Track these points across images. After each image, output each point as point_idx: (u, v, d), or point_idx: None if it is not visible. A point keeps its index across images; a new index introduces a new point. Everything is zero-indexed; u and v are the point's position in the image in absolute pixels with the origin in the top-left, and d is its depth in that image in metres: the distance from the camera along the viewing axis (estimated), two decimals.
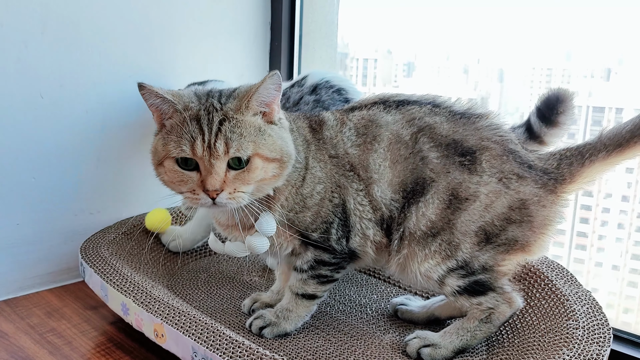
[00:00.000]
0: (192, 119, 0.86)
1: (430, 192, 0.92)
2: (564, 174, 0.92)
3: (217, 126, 0.85)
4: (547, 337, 0.92)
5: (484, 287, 0.93)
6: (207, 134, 0.84)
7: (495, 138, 0.93)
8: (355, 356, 0.98)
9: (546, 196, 0.91)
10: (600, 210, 1.66)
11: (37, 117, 1.25)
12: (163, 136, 0.89)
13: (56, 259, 1.33)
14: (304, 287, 1.01)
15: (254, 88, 0.87)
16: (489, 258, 0.92)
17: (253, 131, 0.87)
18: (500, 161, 0.91)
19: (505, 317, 0.94)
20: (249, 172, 0.87)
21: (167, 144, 0.87)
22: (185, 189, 0.87)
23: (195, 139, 0.84)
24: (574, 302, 0.95)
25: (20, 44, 1.20)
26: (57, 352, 1.05)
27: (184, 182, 0.87)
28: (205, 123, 0.85)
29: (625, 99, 1.59)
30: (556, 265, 1.06)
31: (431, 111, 0.95)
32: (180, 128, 0.86)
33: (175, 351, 0.92)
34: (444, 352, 0.95)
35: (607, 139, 0.90)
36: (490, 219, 0.90)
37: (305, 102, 1.27)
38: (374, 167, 0.94)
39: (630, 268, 1.59)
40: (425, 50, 2.04)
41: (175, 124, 0.87)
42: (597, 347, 0.84)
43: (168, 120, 0.89)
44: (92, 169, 1.35)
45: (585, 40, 1.62)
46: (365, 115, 0.98)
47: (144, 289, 1.03)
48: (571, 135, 1.76)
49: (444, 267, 0.93)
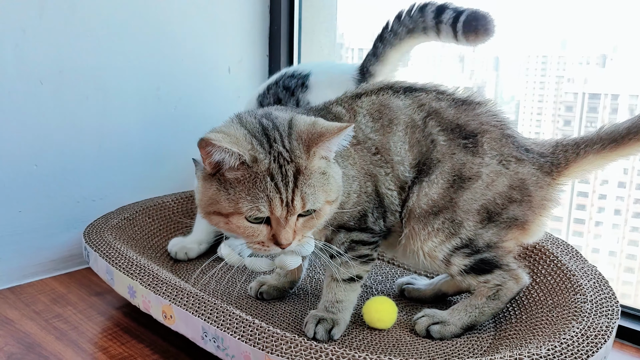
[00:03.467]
0: (265, 175, 0.78)
1: (435, 173, 0.93)
2: (560, 159, 0.95)
3: (293, 182, 0.79)
4: (555, 311, 0.92)
5: (490, 265, 0.95)
6: (284, 192, 0.78)
7: (494, 123, 0.96)
8: (363, 335, 0.99)
9: (543, 178, 0.94)
10: (597, 197, 1.67)
11: (37, 104, 1.24)
12: (226, 189, 0.80)
13: (59, 246, 1.32)
14: (349, 270, 0.97)
15: (327, 135, 0.80)
16: (492, 235, 0.94)
17: (320, 178, 0.82)
18: (499, 144, 0.94)
19: (512, 294, 0.96)
20: (317, 218, 0.83)
21: (236, 201, 0.79)
22: (253, 240, 0.82)
23: (272, 199, 0.78)
24: (580, 277, 0.96)
25: (19, 29, 1.19)
26: (64, 337, 1.04)
27: (254, 236, 0.81)
28: (281, 180, 0.78)
29: (621, 86, 1.60)
30: (561, 242, 1.07)
31: (437, 98, 0.97)
32: (251, 185, 0.78)
33: (185, 332, 0.92)
34: (452, 329, 0.97)
35: (604, 134, 0.93)
36: (492, 197, 0.93)
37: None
38: (394, 150, 0.95)
39: (627, 254, 1.60)
40: None
41: (244, 179, 0.79)
42: (606, 319, 0.85)
43: (231, 172, 0.80)
44: (93, 155, 1.34)
45: (580, 28, 1.63)
46: (375, 101, 0.97)
47: (151, 272, 1.03)
48: (567, 122, 1.78)
49: (449, 245, 0.94)
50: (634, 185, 1.60)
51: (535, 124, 1.81)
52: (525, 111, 1.83)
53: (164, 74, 1.44)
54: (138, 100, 1.40)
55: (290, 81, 1.25)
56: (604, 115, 1.63)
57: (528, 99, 1.83)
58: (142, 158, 1.43)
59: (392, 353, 0.94)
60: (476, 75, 1.99)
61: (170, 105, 1.47)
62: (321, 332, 0.95)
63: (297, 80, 1.25)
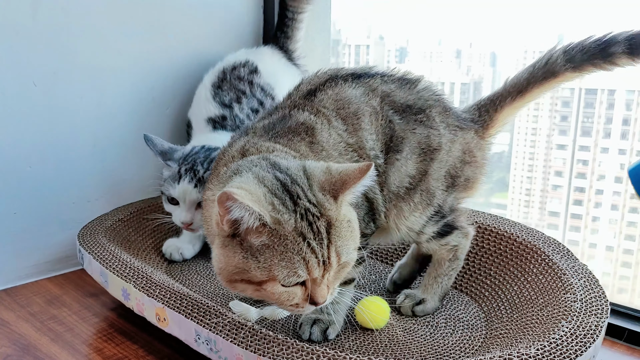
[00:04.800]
0: (296, 235, 0.72)
1: (405, 150, 0.97)
2: (485, 119, 1.06)
3: (327, 238, 0.74)
4: (546, 310, 0.93)
5: (451, 227, 1.03)
6: (319, 251, 0.73)
7: (435, 97, 1.02)
8: (356, 335, 0.99)
9: (479, 140, 1.05)
10: (594, 192, 1.67)
11: (31, 105, 1.24)
12: (254, 256, 0.73)
13: (54, 248, 1.33)
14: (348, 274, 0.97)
15: (351, 181, 0.76)
16: (453, 199, 1.03)
17: (348, 227, 0.77)
18: (445, 116, 1.02)
19: (466, 250, 1.06)
20: (346, 267, 0.79)
21: (269, 268, 0.72)
22: (287, 304, 0.76)
23: (308, 260, 0.72)
24: (571, 275, 0.96)
25: (11, 31, 1.19)
26: (59, 338, 1.05)
27: (289, 300, 0.75)
28: (313, 238, 0.72)
29: (617, 80, 1.60)
30: (552, 240, 1.07)
31: (383, 81, 0.99)
32: (283, 248, 0.72)
33: (178, 334, 0.93)
34: (433, 304, 1.06)
35: (510, 87, 1.04)
36: (453, 163, 1.01)
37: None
38: (368, 145, 0.95)
39: (624, 249, 1.60)
40: (417, 36, 2.03)
41: (272, 243, 0.72)
42: (595, 319, 0.85)
43: (254, 236, 0.72)
44: (88, 156, 1.35)
45: (576, 23, 1.62)
46: (333, 96, 0.96)
47: (144, 274, 1.03)
48: (564, 117, 1.78)
49: (425, 215, 1.00)
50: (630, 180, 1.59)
51: (532, 119, 1.81)
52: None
53: (158, 74, 1.44)
54: (132, 101, 1.40)
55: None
56: (600, 110, 1.63)
57: None
58: (136, 159, 1.43)
59: (384, 353, 0.94)
60: (473, 71, 1.98)
61: (163, 106, 1.47)
62: (316, 332, 0.95)
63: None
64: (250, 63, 1.42)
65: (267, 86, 1.41)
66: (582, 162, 1.70)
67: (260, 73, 1.41)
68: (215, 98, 1.35)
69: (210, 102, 1.34)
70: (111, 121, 1.37)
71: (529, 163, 1.82)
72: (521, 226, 1.14)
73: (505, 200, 1.89)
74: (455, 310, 1.08)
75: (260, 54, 1.47)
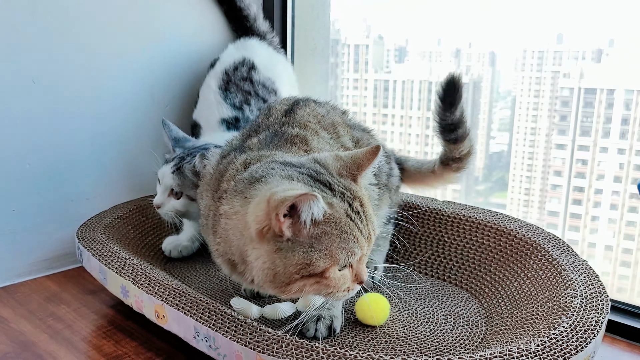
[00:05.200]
0: (346, 217, 0.76)
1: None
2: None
3: (364, 216, 0.78)
4: (546, 306, 0.93)
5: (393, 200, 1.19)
6: (364, 229, 0.77)
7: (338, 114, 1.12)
8: (355, 332, 0.99)
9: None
10: (593, 192, 1.67)
11: (29, 103, 1.24)
12: (315, 247, 0.74)
13: (53, 245, 1.32)
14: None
15: (365, 162, 0.81)
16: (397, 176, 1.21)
17: (371, 204, 0.82)
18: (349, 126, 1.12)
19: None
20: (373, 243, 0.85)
21: (330, 254, 0.74)
22: (341, 289, 0.78)
23: (359, 238, 0.76)
24: (571, 271, 0.96)
25: (10, 28, 1.19)
26: (58, 335, 1.05)
27: (343, 284, 0.78)
28: (357, 217, 0.77)
29: (617, 80, 1.60)
30: (552, 236, 1.07)
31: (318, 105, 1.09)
32: (339, 232, 0.74)
33: (177, 331, 0.93)
34: (381, 268, 1.17)
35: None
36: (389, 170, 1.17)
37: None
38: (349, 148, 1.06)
39: (623, 248, 1.61)
40: (416, 35, 2.04)
41: (330, 229, 0.74)
42: (595, 314, 0.85)
43: (312, 229, 0.74)
44: (86, 153, 1.34)
45: (576, 22, 1.63)
46: (311, 113, 1.03)
47: (143, 271, 1.03)
48: (563, 117, 1.78)
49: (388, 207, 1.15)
50: (629, 180, 1.60)
51: (531, 119, 1.81)
52: (522, 106, 1.83)
53: (158, 72, 1.44)
54: (131, 98, 1.40)
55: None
56: (600, 110, 1.64)
57: (524, 94, 1.83)
58: (135, 156, 1.43)
59: (384, 350, 0.94)
60: (472, 70, 1.98)
61: (162, 104, 1.47)
62: (322, 329, 0.97)
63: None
64: (247, 60, 1.42)
65: (268, 81, 1.42)
66: (581, 161, 1.70)
67: (257, 69, 1.42)
68: (226, 100, 1.37)
69: (222, 104, 1.37)
70: (110, 119, 1.37)
71: (528, 163, 1.82)
72: (521, 222, 1.14)
73: (504, 200, 1.90)
74: (455, 307, 1.08)
75: (251, 48, 1.47)
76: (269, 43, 1.54)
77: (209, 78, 1.42)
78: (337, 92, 2.00)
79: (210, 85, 1.40)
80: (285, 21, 1.63)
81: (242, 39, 1.51)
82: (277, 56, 1.53)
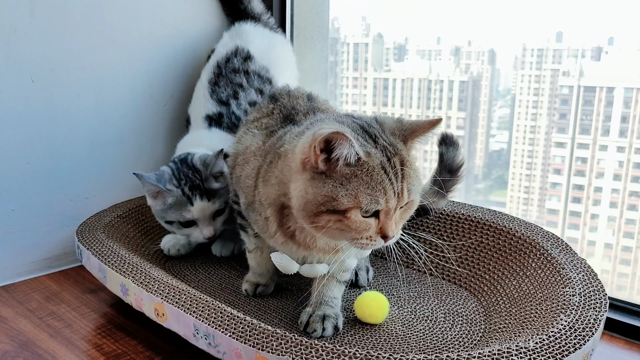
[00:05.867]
0: (379, 167, 0.80)
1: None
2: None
3: (401, 174, 0.81)
4: (545, 305, 0.93)
5: None
6: (395, 184, 0.80)
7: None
8: (355, 330, 1.00)
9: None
10: (593, 190, 1.67)
11: (28, 102, 1.24)
12: (343, 185, 0.79)
13: (53, 244, 1.32)
14: (346, 275, 1.04)
15: (421, 130, 0.85)
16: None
17: (415, 169, 0.85)
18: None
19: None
20: (410, 209, 0.87)
21: (355, 195, 0.78)
22: (363, 236, 0.82)
23: (387, 191, 0.80)
24: (569, 270, 0.96)
25: (9, 27, 1.19)
26: (58, 334, 1.05)
27: (365, 230, 0.81)
28: (392, 171, 0.80)
29: (616, 78, 1.60)
30: (551, 235, 1.07)
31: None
32: (369, 178, 0.79)
33: (177, 329, 0.93)
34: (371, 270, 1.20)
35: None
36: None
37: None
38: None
39: (623, 246, 1.61)
40: (416, 34, 2.04)
41: (361, 174, 0.79)
42: (594, 312, 0.85)
43: (345, 169, 0.79)
44: (86, 152, 1.34)
45: (575, 20, 1.63)
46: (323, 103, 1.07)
47: (143, 269, 1.03)
48: (563, 115, 1.78)
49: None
50: (629, 178, 1.60)
51: (531, 117, 1.81)
52: (521, 105, 1.83)
53: (156, 71, 1.44)
54: (130, 97, 1.40)
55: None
56: (599, 108, 1.64)
57: (524, 92, 1.83)
58: (134, 155, 1.43)
59: (383, 348, 0.94)
60: (472, 68, 1.98)
61: (161, 103, 1.47)
62: (329, 328, 0.98)
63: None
64: (242, 49, 1.40)
65: (263, 70, 1.40)
66: (580, 159, 1.70)
67: (253, 58, 1.39)
68: (212, 96, 1.35)
69: (207, 99, 1.35)
70: (109, 117, 1.37)
71: (528, 161, 1.82)
72: (520, 221, 1.14)
73: (504, 198, 1.90)
74: (454, 305, 1.08)
75: (246, 35, 1.44)
76: (265, 24, 1.50)
77: (203, 72, 1.41)
78: (337, 90, 2.00)
79: (202, 79, 1.39)
80: (284, 20, 1.63)
81: (236, 25, 1.48)
82: (274, 37, 1.49)
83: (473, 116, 1.94)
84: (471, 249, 1.17)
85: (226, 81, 1.36)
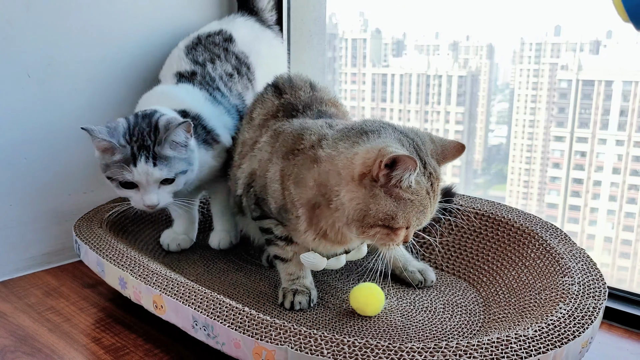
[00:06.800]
0: (427, 194, 0.87)
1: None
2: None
3: (435, 196, 0.89)
4: (544, 294, 0.93)
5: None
6: (432, 206, 0.89)
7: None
8: (354, 321, 0.99)
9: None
10: (592, 184, 1.67)
11: (25, 97, 1.24)
12: (401, 207, 0.85)
13: (51, 239, 1.32)
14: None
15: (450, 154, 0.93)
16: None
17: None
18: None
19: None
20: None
21: (408, 218, 0.86)
22: (394, 242, 0.89)
23: (427, 214, 0.89)
24: (568, 259, 0.96)
25: (5, 22, 1.19)
26: (57, 329, 1.05)
27: (399, 239, 0.89)
28: (432, 196, 0.88)
29: (615, 72, 1.60)
30: (550, 225, 1.07)
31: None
32: (419, 202, 0.86)
33: (176, 321, 0.93)
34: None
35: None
36: None
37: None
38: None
39: (622, 239, 1.61)
40: (414, 29, 2.04)
41: (415, 199, 0.85)
42: (593, 301, 0.85)
43: (403, 192, 0.84)
44: (83, 147, 1.33)
45: (573, 14, 1.62)
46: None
47: (141, 263, 1.03)
48: (561, 109, 1.78)
49: None
50: (628, 172, 1.60)
51: (529, 111, 1.81)
52: (520, 99, 1.83)
53: (153, 65, 1.44)
54: (127, 91, 1.40)
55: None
56: (598, 101, 1.64)
57: (522, 86, 1.83)
58: None
59: (382, 337, 0.94)
60: (470, 63, 1.98)
61: None
62: (304, 301, 1.04)
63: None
64: (224, 32, 1.39)
65: (242, 54, 1.39)
66: (580, 153, 1.70)
67: (235, 41, 1.39)
68: (188, 55, 1.33)
69: (182, 59, 1.32)
70: (106, 112, 1.36)
71: (527, 155, 1.82)
72: (518, 211, 1.14)
73: (503, 193, 1.90)
74: (454, 296, 1.08)
75: (233, 23, 1.44)
76: (260, 20, 1.49)
77: (180, 42, 1.38)
78: (336, 86, 2.00)
79: (179, 45, 1.37)
80: (281, 14, 1.62)
81: (230, 16, 1.48)
82: (264, 32, 1.49)
83: (472, 111, 1.94)
84: (470, 240, 1.17)
85: (204, 49, 1.35)
